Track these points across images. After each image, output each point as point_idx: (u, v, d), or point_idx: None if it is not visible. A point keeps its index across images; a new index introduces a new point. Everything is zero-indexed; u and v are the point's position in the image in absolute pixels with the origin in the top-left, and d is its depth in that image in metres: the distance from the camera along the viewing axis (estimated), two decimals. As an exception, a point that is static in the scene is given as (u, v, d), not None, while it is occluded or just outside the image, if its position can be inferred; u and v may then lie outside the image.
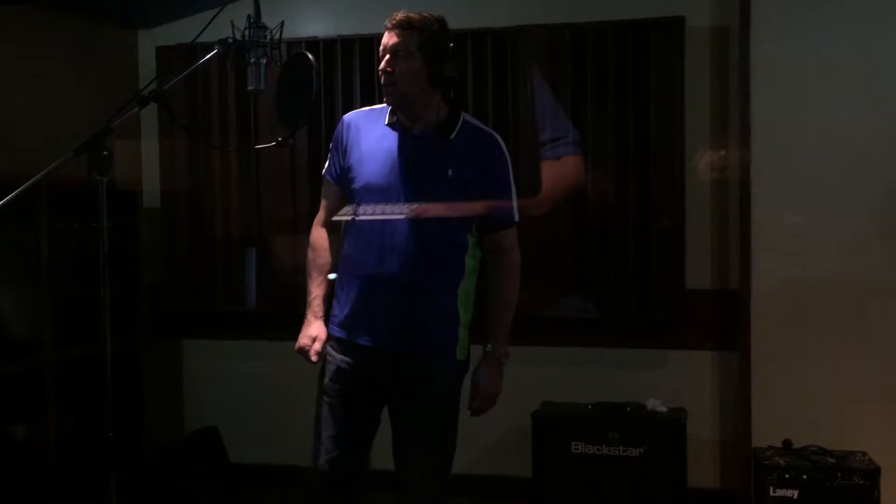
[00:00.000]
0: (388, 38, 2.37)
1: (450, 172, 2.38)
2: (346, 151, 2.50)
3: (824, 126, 3.64)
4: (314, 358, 2.49)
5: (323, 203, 2.59)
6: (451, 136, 2.41)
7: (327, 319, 2.53)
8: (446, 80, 2.40)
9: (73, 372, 3.63)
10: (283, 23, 2.65)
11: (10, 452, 3.46)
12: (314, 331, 2.51)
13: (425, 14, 2.38)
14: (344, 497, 2.51)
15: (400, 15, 2.36)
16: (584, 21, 3.96)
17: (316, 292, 2.54)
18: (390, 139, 2.44)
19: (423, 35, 2.34)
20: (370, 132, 2.47)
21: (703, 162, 3.92)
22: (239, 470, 4.16)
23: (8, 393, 3.40)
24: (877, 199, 3.61)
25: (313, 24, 4.22)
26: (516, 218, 2.49)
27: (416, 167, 2.40)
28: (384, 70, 2.37)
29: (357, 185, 2.45)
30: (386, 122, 2.46)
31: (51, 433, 3.55)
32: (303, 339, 2.51)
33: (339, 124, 2.56)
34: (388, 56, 2.36)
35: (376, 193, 2.41)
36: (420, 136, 2.42)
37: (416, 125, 2.43)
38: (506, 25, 4.02)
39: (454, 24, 3.96)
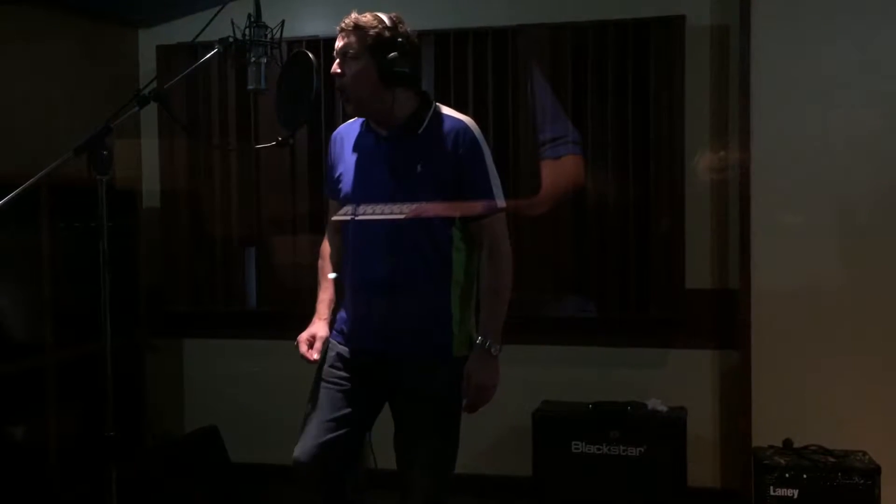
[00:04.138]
0: (338, 42, 2.38)
1: (419, 168, 2.36)
2: (333, 166, 2.55)
3: (824, 126, 3.64)
4: (310, 356, 2.48)
5: (328, 216, 2.63)
6: (419, 132, 2.38)
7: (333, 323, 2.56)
8: (398, 76, 2.34)
9: (74, 371, 3.62)
10: (283, 22, 2.65)
11: (11, 452, 3.45)
12: (314, 329, 2.53)
13: (378, 14, 2.36)
14: (327, 484, 2.46)
15: (349, 18, 2.37)
16: (584, 20, 3.95)
17: (322, 296, 2.59)
18: (364, 146, 2.46)
19: (369, 34, 2.33)
20: (350, 143, 2.50)
21: (703, 162, 3.92)
22: (239, 469, 4.16)
23: (8, 393, 3.40)
24: (877, 198, 3.61)
25: (314, 23, 4.22)
26: (500, 205, 2.38)
27: (387, 169, 2.40)
28: (334, 72, 2.38)
29: (341, 196, 2.50)
30: (362, 130, 2.48)
31: (51, 433, 3.54)
32: (302, 335, 2.53)
33: (330, 140, 2.59)
34: (338, 59, 2.38)
35: (355, 201, 2.44)
36: (388, 137, 2.42)
37: (384, 127, 2.42)
38: (506, 24, 4.02)
39: (455, 22, 4.04)
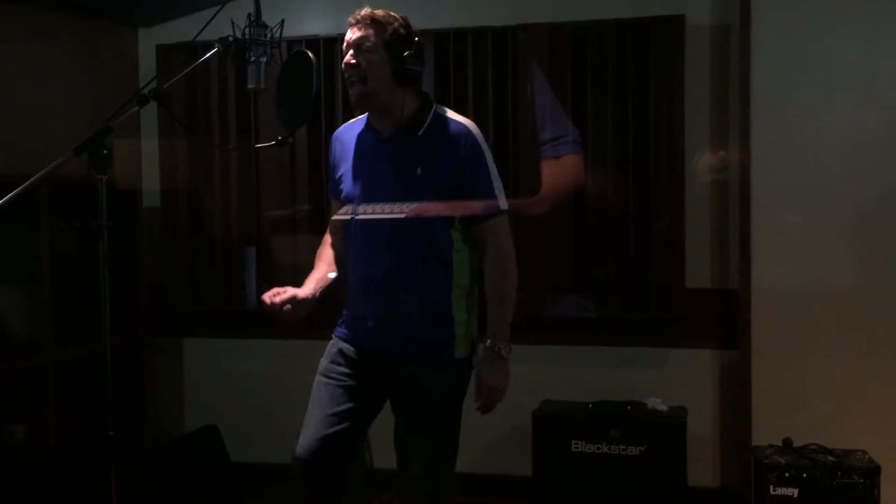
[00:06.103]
0: (352, 33, 2.37)
1: (419, 171, 2.36)
2: (335, 167, 2.56)
3: (824, 126, 3.64)
4: (268, 299, 2.39)
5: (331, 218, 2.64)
6: (420, 133, 2.39)
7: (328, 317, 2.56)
8: (411, 75, 2.37)
9: (74, 371, 3.62)
10: (283, 21, 2.64)
11: (11, 452, 3.45)
12: (290, 289, 2.44)
13: (389, 11, 2.38)
14: (326, 478, 2.45)
15: (363, 11, 2.37)
16: (584, 19, 3.95)
17: (313, 274, 2.55)
18: (364, 146, 2.47)
19: (387, 29, 2.34)
20: (351, 143, 2.51)
21: (703, 162, 3.92)
22: (240, 468, 4.16)
23: (8, 393, 3.40)
24: (877, 199, 3.61)
25: (314, 23, 4.22)
26: (502, 207, 2.40)
27: (387, 170, 2.40)
28: (348, 63, 2.36)
29: (342, 196, 2.51)
30: (363, 129, 2.48)
31: (51, 432, 3.54)
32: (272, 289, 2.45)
33: (331, 140, 2.60)
34: (351, 50, 2.36)
35: (356, 201, 2.45)
36: (389, 138, 2.42)
37: (385, 126, 2.42)
38: (506, 24, 4.02)
39: (455, 22, 4.04)
